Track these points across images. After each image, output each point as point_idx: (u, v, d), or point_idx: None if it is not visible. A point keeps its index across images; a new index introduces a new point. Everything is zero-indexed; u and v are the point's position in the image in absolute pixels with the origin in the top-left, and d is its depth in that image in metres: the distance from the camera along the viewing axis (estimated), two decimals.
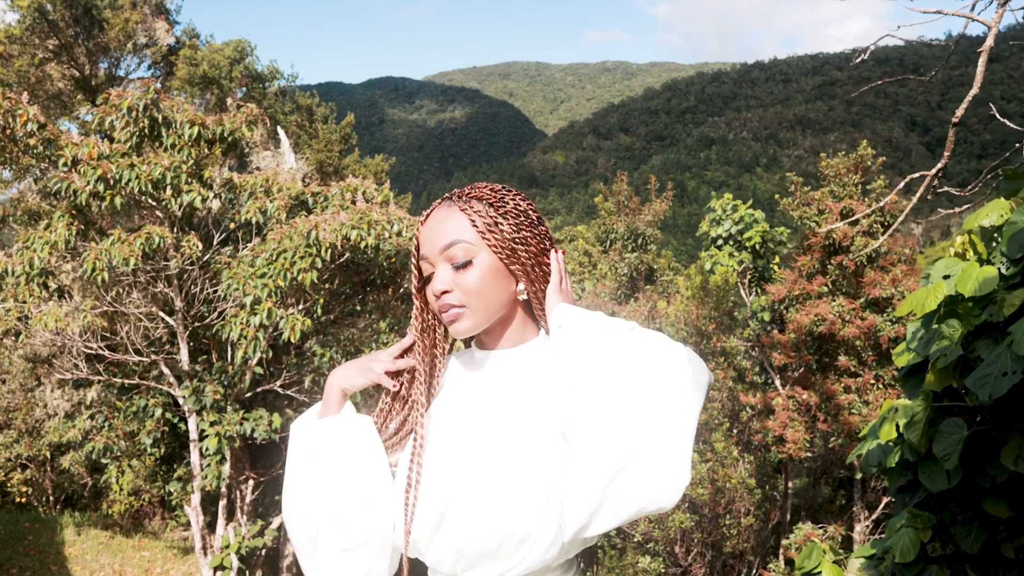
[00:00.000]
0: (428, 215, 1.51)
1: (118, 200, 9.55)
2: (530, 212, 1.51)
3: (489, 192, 1.51)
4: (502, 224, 1.46)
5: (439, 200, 1.54)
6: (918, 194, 4.02)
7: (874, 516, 12.66)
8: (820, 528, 12.09)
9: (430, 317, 1.56)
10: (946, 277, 4.64)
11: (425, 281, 1.51)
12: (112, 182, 9.48)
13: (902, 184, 4.29)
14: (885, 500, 12.59)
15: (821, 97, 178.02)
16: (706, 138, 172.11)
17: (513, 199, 1.50)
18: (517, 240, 1.47)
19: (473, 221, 1.46)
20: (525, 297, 1.50)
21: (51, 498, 17.03)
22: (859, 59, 4.51)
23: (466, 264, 1.45)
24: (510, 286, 1.48)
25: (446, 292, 1.46)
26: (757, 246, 15.55)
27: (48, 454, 16.28)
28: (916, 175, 4.03)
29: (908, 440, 4.91)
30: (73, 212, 10.03)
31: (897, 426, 5.14)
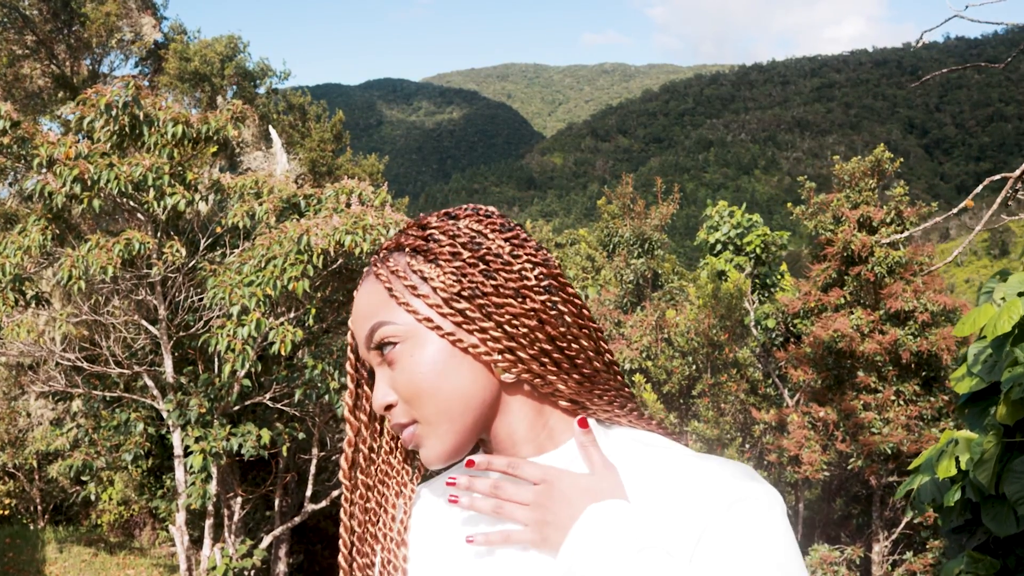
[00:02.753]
0: (357, 294, 1.02)
1: (96, 203, 9.04)
2: (487, 236, 0.97)
3: (414, 233, 0.99)
4: (431, 276, 0.94)
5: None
6: (1000, 198, 3.48)
7: (893, 536, 12.08)
8: (837, 549, 11.53)
9: (368, 450, 1.07)
10: (1021, 294, 4.14)
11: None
12: (90, 183, 8.96)
13: (980, 187, 3.76)
14: (905, 520, 12.02)
15: (819, 99, 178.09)
16: (704, 140, 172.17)
17: (451, 228, 0.97)
18: (464, 292, 0.94)
19: (390, 287, 0.96)
20: (512, 378, 0.95)
21: (38, 508, 16.54)
22: (919, 43, 4.20)
23: (394, 356, 0.95)
24: (480, 368, 0.95)
25: (390, 407, 0.97)
26: (758, 250, 15.01)
27: (35, 463, 15.81)
28: (997, 176, 3.49)
29: (974, 479, 4.47)
30: (49, 216, 9.51)
31: (957, 461, 4.69)
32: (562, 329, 0.96)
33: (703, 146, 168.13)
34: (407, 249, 0.97)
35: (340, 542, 1.06)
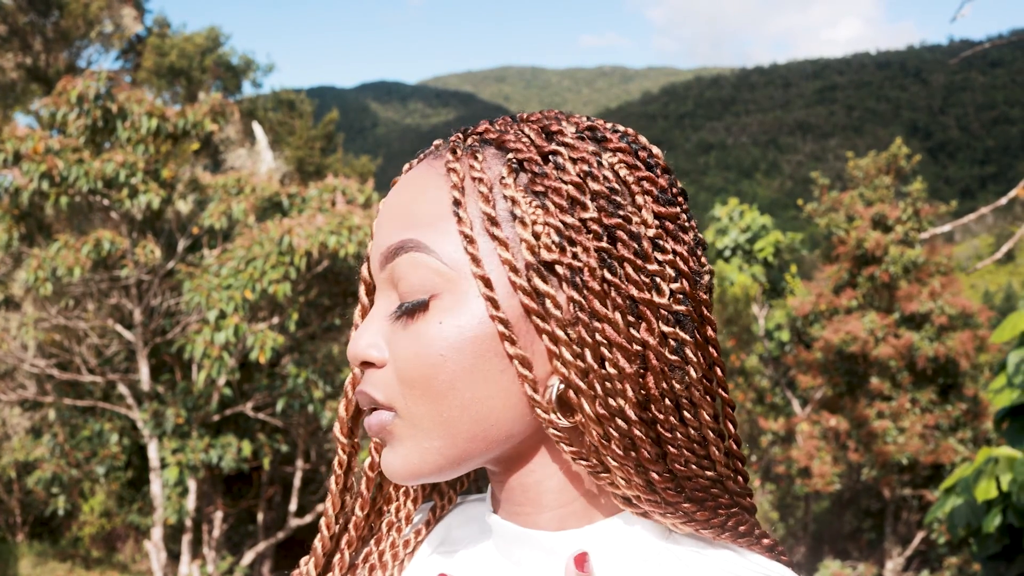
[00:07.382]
0: (400, 180, 0.67)
1: (64, 200, 8.58)
2: (632, 199, 0.59)
3: (532, 134, 0.61)
4: (528, 218, 0.58)
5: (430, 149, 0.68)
6: None
7: (907, 553, 11.54)
8: (849, 566, 11.00)
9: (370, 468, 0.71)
10: None
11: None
12: (59, 180, 8.49)
13: None
14: (920, 535, 11.50)
15: (821, 102, 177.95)
16: (705, 143, 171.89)
17: (588, 159, 0.59)
18: (560, 268, 0.56)
19: (458, 198, 0.59)
20: (552, 428, 0.59)
21: (18, 520, 16.03)
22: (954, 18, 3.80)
23: (418, 309, 0.58)
24: (520, 380, 0.58)
25: (368, 366, 0.62)
26: (769, 258, 14.45)
27: (13, 473, 15.34)
28: None
29: (1018, 501, 4.09)
30: (16, 213, 9.04)
31: (998, 481, 4.27)
32: (674, 387, 0.58)
33: (703, 149, 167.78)
34: (510, 155, 0.60)
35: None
